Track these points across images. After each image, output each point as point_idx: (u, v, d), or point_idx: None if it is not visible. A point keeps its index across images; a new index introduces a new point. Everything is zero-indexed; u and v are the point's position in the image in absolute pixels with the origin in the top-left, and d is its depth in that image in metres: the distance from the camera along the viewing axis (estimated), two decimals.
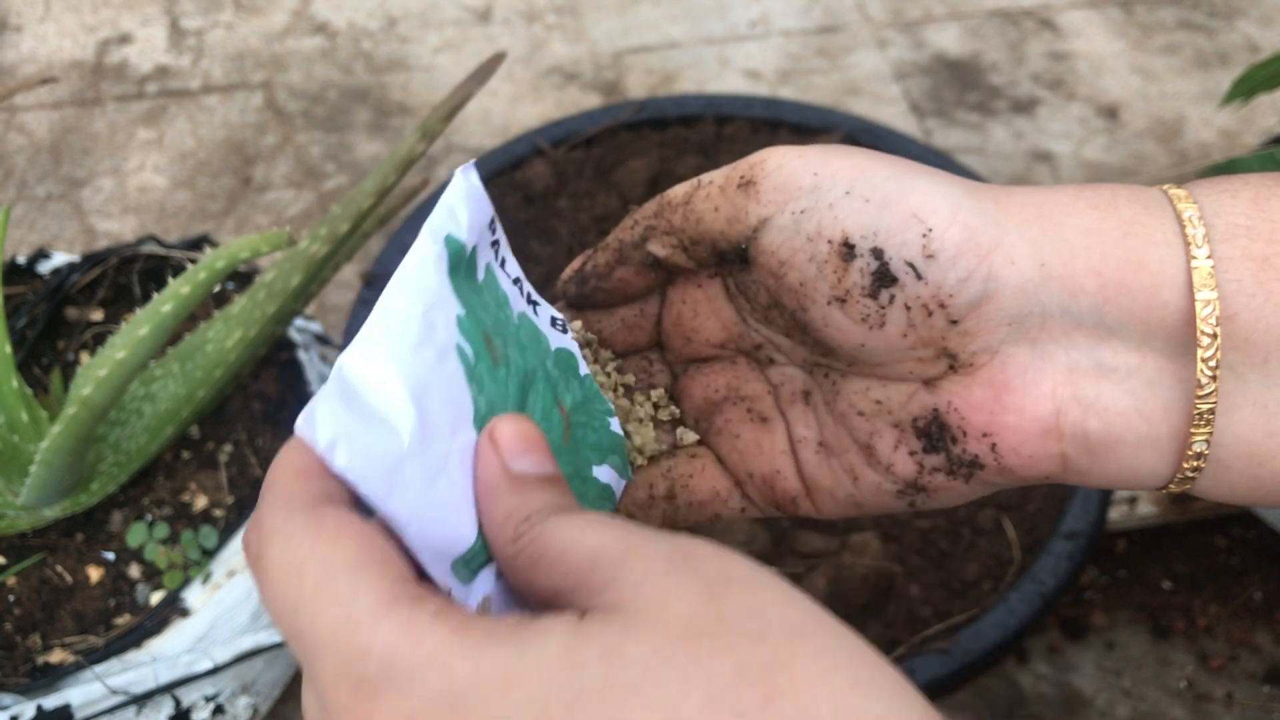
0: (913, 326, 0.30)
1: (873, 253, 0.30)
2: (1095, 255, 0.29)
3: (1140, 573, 0.89)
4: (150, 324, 0.54)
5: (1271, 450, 0.29)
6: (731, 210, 0.32)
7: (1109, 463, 0.30)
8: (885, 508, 0.34)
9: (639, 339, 0.37)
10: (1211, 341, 0.28)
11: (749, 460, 0.35)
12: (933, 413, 0.31)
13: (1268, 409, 0.29)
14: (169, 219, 1.14)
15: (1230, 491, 0.30)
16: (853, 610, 0.66)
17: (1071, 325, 0.29)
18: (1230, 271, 0.28)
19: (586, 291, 0.36)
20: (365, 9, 1.37)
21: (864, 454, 0.33)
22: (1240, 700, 0.82)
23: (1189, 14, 1.35)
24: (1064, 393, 0.30)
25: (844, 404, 0.33)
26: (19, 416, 0.63)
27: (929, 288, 0.29)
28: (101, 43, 1.33)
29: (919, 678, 0.62)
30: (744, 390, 0.35)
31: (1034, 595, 0.65)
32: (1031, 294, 0.29)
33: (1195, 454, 0.29)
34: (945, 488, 0.32)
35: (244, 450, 0.73)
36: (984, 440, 0.31)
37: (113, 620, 0.65)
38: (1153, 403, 0.29)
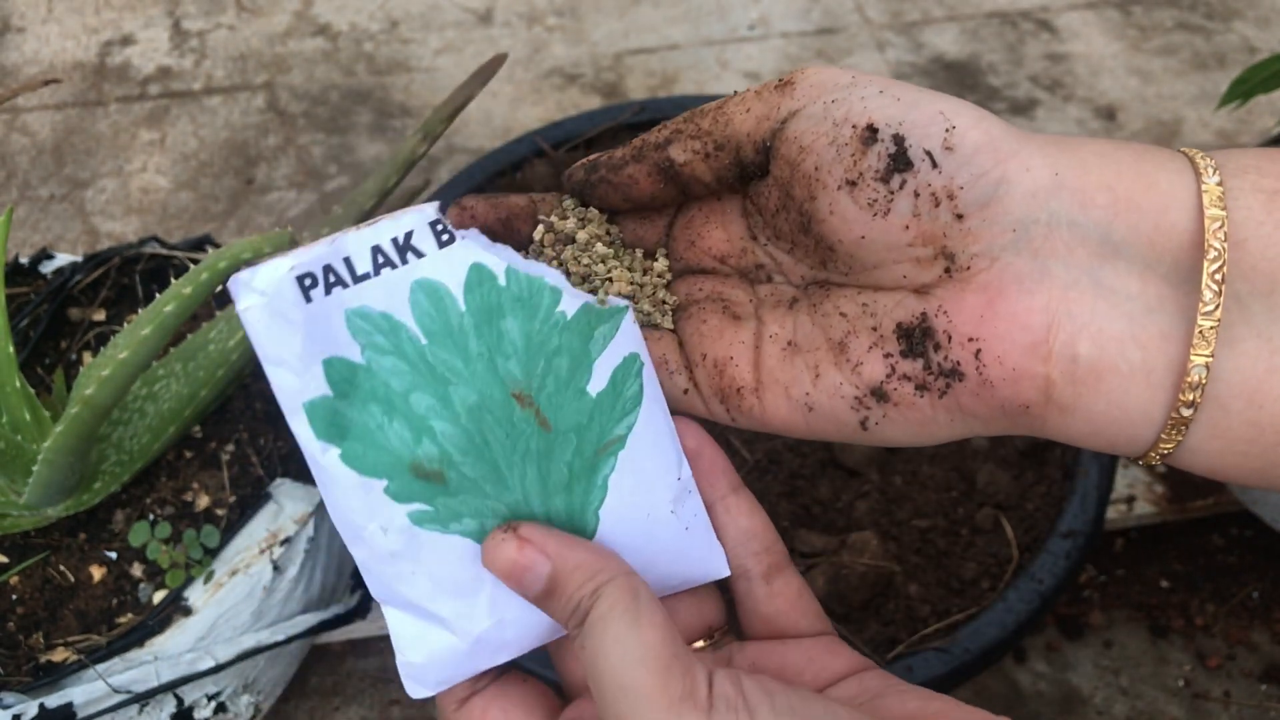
0: (917, 217, 0.30)
1: (894, 138, 0.30)
2: (1109, 172, 0.29)
3: (1138, 572, 0.89)
4: (153, 324, 0.54)
5: (1273, 390, 0.28)
6: (764, 109, 0.32)
7: (1095, 398, 0.29)
8: (836, 419, 0.33)
9: (649, 236, 0.37)
10: (1219, 254, 0.27)
11: (706, 342, 0.35)
12: (920, 316, 0.31)
13: (1272, 342, 0.28)
14: (171, 220, 1.14)
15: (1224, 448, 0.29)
16: (852, 609, 0.66)
17: (1077, 240, 0.29)
18: (1240, 199, 0.28)
19: (593, 180, 0.35)
20: (367, 11, 1.37)
21: (834, 351, 0.32)
22: (1237, 699, 0.82)
23: (1187, 15, 1.35)
24: (1059, 308, 0.29)
25: (829, 306, 0.33)
26: (22, 416, 0.63)
27: (942, 177, 0.30)
28: (104, 44, 1.33)
29: (918, 676, 0.62)
30: (727, 295, 0.36)
31: (1032, 594, 0.65)
32: (1042, 201, 0.29)
33: (1193, 383, 0.28)
34: (910, 404, 0.31)
35: (246, 450, 0.73)
36: (969, 346, 0.30)
37: (115, 619, 0.66)
38: (1150, 329, 0.29)
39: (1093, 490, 0.69)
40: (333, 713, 0.82)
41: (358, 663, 0.84)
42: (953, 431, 0.32)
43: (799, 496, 0.72)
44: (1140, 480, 0.86)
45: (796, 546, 0.69)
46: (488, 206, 0.37)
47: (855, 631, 0.65)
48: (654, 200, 0.36)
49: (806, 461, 0.74)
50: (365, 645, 0.85)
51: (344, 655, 0.84)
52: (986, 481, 0.71)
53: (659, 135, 0.34)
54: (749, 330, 0.34)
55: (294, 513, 0.70)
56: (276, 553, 0.68)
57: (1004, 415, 0.31)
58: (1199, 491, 0.86)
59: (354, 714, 0.82)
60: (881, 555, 0.67)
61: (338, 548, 0.76)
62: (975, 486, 0.72)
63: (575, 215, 0.37)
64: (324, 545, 0.73)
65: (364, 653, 0.85)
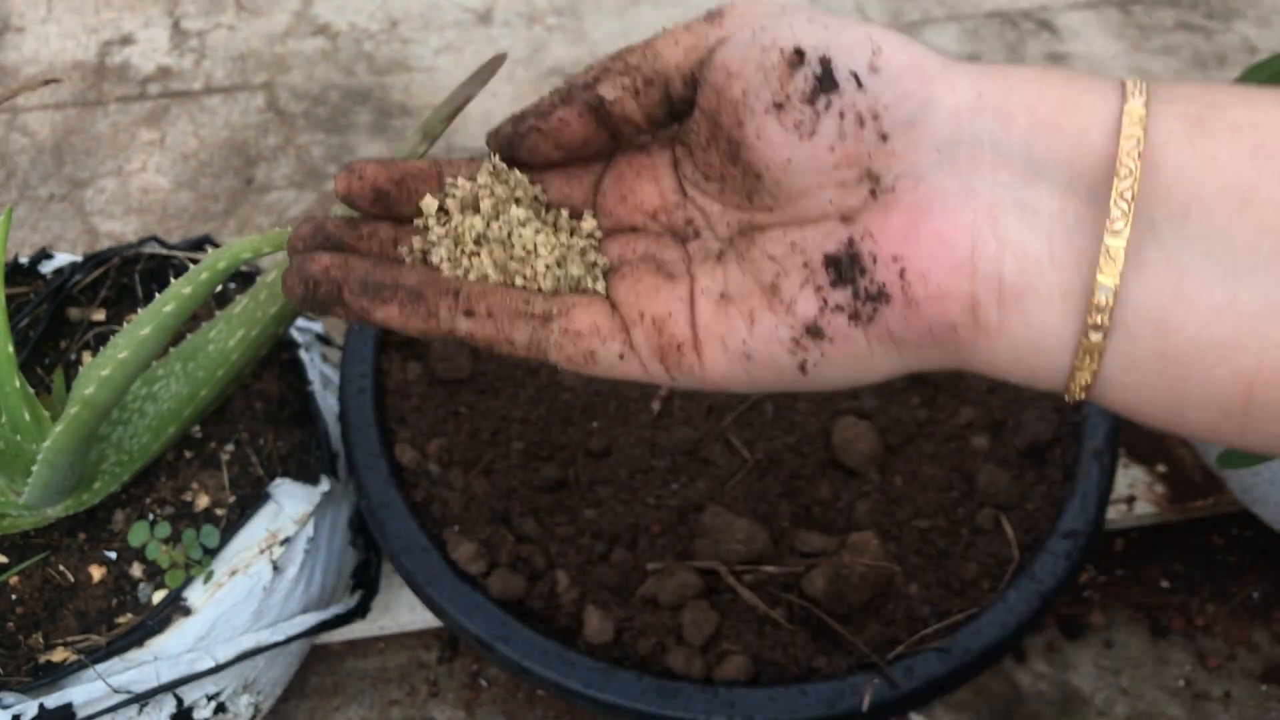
0: (842, 139, 0.30)
1: (820, 60, 0.30)
2: (1032, 93, 0.29)
3: (1138, 572, 0.89)
4: (152, 324, 0.54)
5: (1179, 319, 0.27)
6: (692, 40, 0.32)
7: (1017, 319, 0.29)
8: (775, 365, 0.32)
9: (577, 194, 0.37)
10: (1129, 174, 0.27)
11: (644, 301, 0.34)
12: (847, 242, 0.31)
13: (1180, 270, 0.27)
14: (171, 219, 1.14)
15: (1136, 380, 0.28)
16: (852, 609, 0.66)
17: (1000, 160, 0.29)
18: (1163, 123, 0.28)
19: (521, 131, 0.35)
20: (366, 10, 1.37)
21: (767, 295, 0.32)
22: (1238, 699, 0.82)
23: (1187, 15, 1.35)
24: (983, 226, 0.29)
25: (756, 252, 0.33)
26: (21, 416, 0.63)
27: (867, 98, 0.30)
28: (103, 44, 1.33)
29: (918, 676, 0.62)
30: (659, 255, 0.35)
31: (1032, 594, 0.65)
32: (965, 122, 0.29)
33: (1099, 305, 0.28)
34: (844, 336, 0.31)
35: (246, 450, 0.73)
36: (893, 265, 0.30)
37: (115, 619, 0.66)
38: (1067, 250, 0.28)
39: (1093, 490, 0.69)
40: (333, 713, 0.82)
41: (358, 663, 0.84)
42: (890, 365, 0.32)
43: (799, 496, 0.72)
44: (1140, 480, 0.86)
45: (796, 546, 0.69)
46: (378, 167, 0.36)
47: (855, 631, 0.65)
48: (586, 146, 0.35)
49: (806, 461, 0.74)
50: (365, 645, 0.85)
51: (344, 655, 0.84)
52: (986, 481, 0.71)
53: (587, 75, 0.34)
54: (684, 286, 0.34)
55: (294, 513, 0.70)
56: (276, 553, 0.68)
57: (933, 340, 0.30)
58: (1199, 491, 0.86)
59: (354, 714, 0.82)
60: (881, 555, 0.67)
61: (338, 547, 0.76)
62: (975, 486, 0.72)
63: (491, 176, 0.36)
64: (324, 545, 0.73)
65: (364, 653, 0.85)
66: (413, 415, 0.75)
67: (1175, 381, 0.28)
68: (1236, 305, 0.27)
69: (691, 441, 0.74)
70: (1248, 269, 0.27)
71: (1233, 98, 0.28)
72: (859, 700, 0.61)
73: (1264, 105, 0.27)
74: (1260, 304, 0.26)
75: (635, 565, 0.69)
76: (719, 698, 0.61)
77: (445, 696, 0.82)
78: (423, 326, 0.35)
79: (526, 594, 0.67)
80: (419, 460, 0.72)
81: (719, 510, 0.70)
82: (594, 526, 0.71)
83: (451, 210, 0.36)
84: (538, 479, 0.73)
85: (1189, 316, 0.27)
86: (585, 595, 0.67)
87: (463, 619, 0.64)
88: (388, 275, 0.35)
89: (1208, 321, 0.27)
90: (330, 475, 0.74)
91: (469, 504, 0.71)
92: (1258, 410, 0.27)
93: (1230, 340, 0.27)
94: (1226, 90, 0.28)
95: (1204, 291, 0.27)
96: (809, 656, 0.64)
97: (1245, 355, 0.27)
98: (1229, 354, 0.27)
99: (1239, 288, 0.27)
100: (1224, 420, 0.28)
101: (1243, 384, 0.27)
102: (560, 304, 0.35)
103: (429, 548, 0.67)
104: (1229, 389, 0.27)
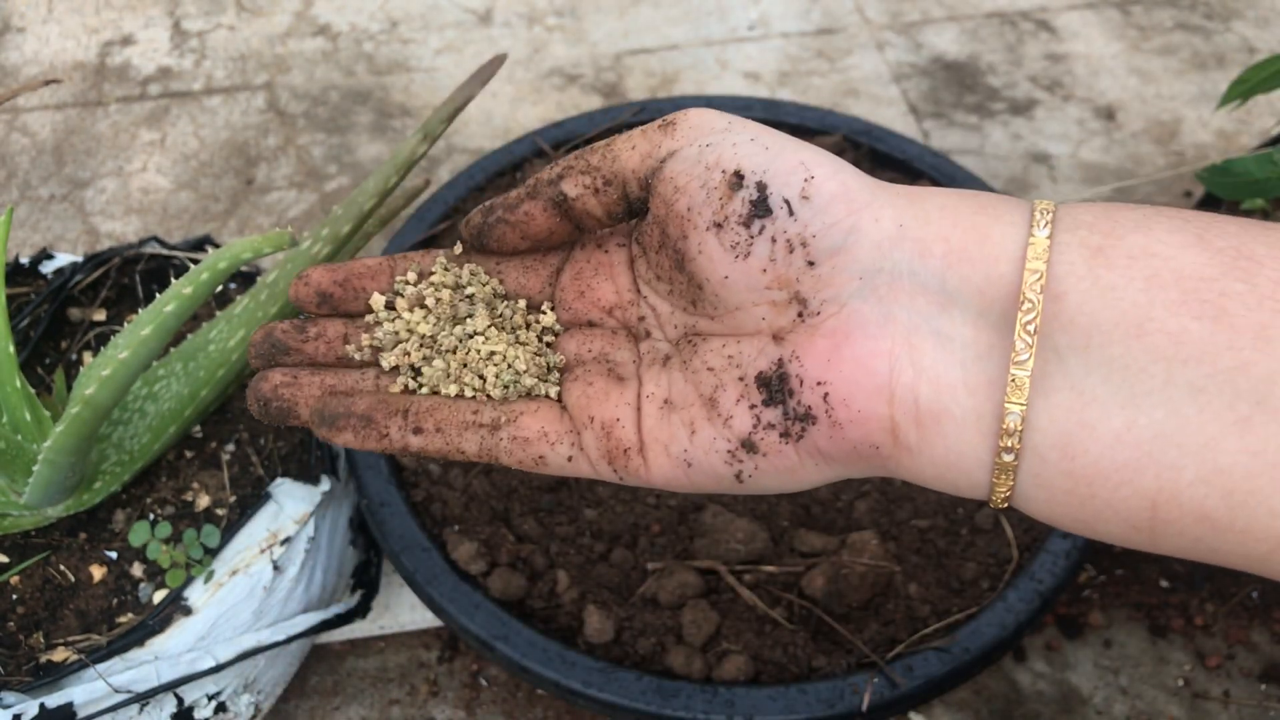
0: (774, 261, 0.32)
1: (757, 185, 0.32)
2: (947, 223, 0.31)
3: (1138, 571, 0.89)
4: (153, 324, 0.54)
5: (1084, 444, 0.29)
6: (647, 146, 0.34)
7: (935, 440, 0.31)
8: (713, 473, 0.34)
9: (533, 284, 0.38)
10: (1032, 307, 0.29)
11: (594, 405, 0.36)
12: (777, 363, 0.32)
13: (1083, 395, 0.28)
14: (171, 220, 1.14)
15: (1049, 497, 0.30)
16: (852, 609, 0.66)
17: (918, 289, 0.31)
18: (1065, 254, 0.29)
19: (490, 222, 0.37)
20: (367, 11, 1.37)
21: (706, 407, 0.34)
22: (1237, 698, 0.82)
23: (1186, 15, 1.35)
24: (900, 353, 0.31)
25: (698, 362, 0.35)
26: (22, 416, 0.63)
27: (797, 225, 0.31)
28: (104, 44, 1.33)
29: (917, 676, 0.62)
30: (613, 356, 0.37)
31: (1032, 594, 0.65)
32: (886, 251, 0.31)
33: (1009, 430, 0.29)
34: (776, 451, 0.33)
35: (246, 450, 0.73)
36: (818, 389, 0.32)
37: (115, 619, 0.66)
38: (980, 376, 0.30)
39: None
40: (333, 713, 0.82)
41: (358, 663, 0.84)
42: (820, 475, 0.33)
43: (799, 496, 0.72)
44: None
45: (796, 546, 0.69)
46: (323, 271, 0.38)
47: (855, 631, 0.65)
48: (551, 236, 0.37)
49: None
50: (365, 645, 0.85)
51: (344, 655, 0.84)
52: None
53: (551, 172, 0.36)
54: (632, 391, 0.36)
55: (294, 513, 0.70)
56: (277, 552, 0.68)
57: (859, 457, 0.32)
58: None
59: (354, 714, 0.82)
60: (881, 555, 0.67)
61: (338, 547, 0.76)
62: None
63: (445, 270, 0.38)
64: (324, 545, 0.73)
65: (364, 653, 0.85)
66: None
67: (1084, 499, 0.29)
68: (1135, 430, 0.28)
69: None
70: (1143, 395, 0.28)
71: (1131, 225, 0.29)
72: (859, 700, 0.61)
73: (1159, 233, 0.29)
74: (1156, 429, 0.28)
75: (635, 565, 0.69)
76: (719, 697, 0.61)
77: (445, 696, 0.82)
78: (376, 447, 0.36)
79: (527, 593, 0.67)
80: (419, 460, 0.72)
81: (719, 510, 0.70)
82: (594, 526, 0.71)
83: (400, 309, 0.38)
84: (538, 479, 0.73)
85: (1092, 440, 0.29)
86: (585, 595, 0.67)
87: (463, 618, 0.65)
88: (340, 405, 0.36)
89: (1110, 445, 0.28)
90: (330, 475, 0.74)
91: (469, 504, 0.71)
92: (1162, 525, 0.29)
93: (1131, 463, 0.28)
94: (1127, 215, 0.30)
95: (1105, 417, 0.28)
96: (809, 656, 0.64)
97: (1145, 477, 0.28)
98: (1131, 475, 0.28)
99: (1136, 413, 0.28)
100: (1133, 533, 0.30)
101: (1146, 502, 0.28)
102: (509, 411, 0.36)
103: (429, 547, 0.67)
104: (1134, 506, 0.29)
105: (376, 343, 0.38)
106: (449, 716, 0.81)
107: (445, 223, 0.85)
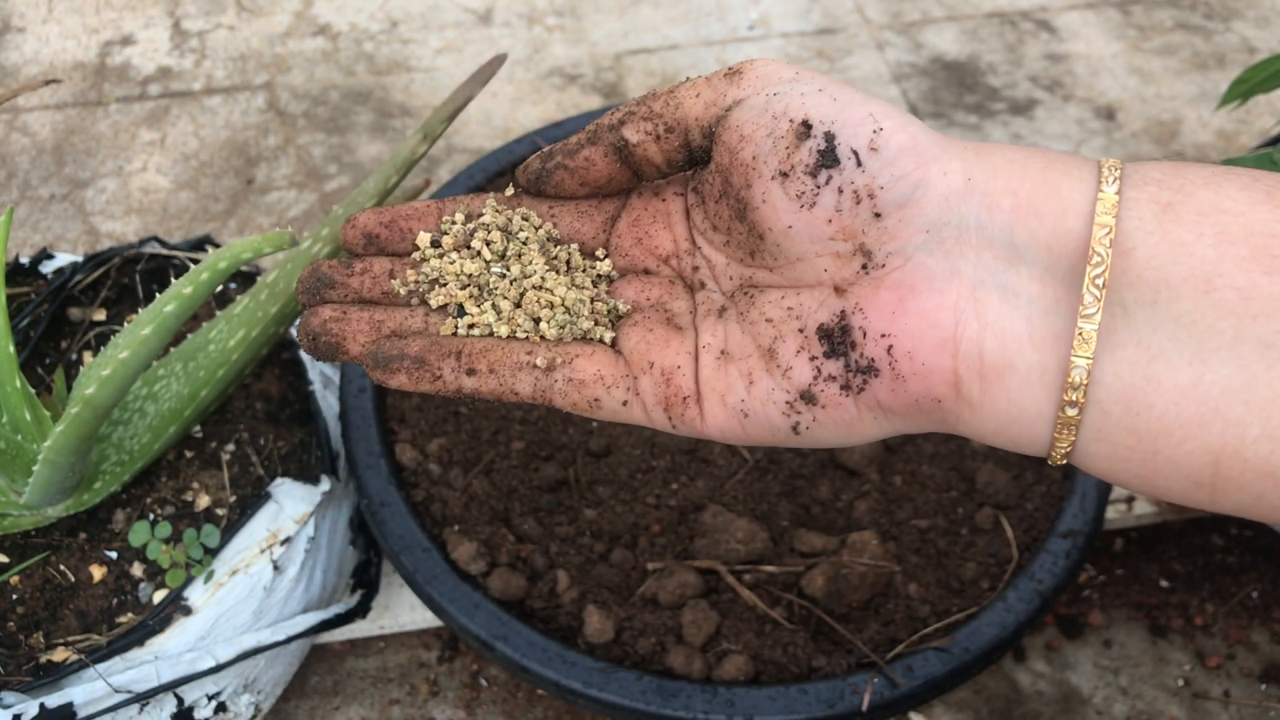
0: (839, 212, 0.32)
1: (825, 135, 0.32)
2: (1015, 177, 0.31)
3: (1138, 571, 0.89)
4: (153, 324, 0.54)
5: (1149, 399, 0.29)
6: (712, 94, 0.34)
7: (998, 395, 0.31)
8: (770, 425, 0.34)
9: (588, 230, 0.38)
10: (1101, 261, 0.29)
11: (654, 351, 0.36)
12: (839, 315, 0.32)
13: (1149, 350, 0.29)
14: (171, 220, 1.14)
15: (1110, 452, 0.30)
16: (852, 609, 0.66)
17: (984, 243, 0.31)
18: (1134, 210, 0.29)
19: (549, 167, 0.37)
20: (367, 11, 1.37)
21: (764, 359, 0.34)
22: (1237, 698, 0.82)
23: (1186, 15, 1.35)
24: (966, 307, 0.31)
25: (756, 313, 0.35)
26: (22, 416, 0.63)
27: (865, 176, 0.31)
28: (104, 44, 1.33)
29: (917, 676, 0.62)
30: (671, 305, 0.37)
31: (1032, 594, 0.65)
32: (954, 205, 0.31)
33: (1074, 384, 0.29)
34: (836, 404, 0.33)
35: (246, 449, 0.73)
36: (882, 341, 0.32)
37: (115, 619, 0.66)
38: (1045, 331, 0.30)
39: (1092, 490, 0.69)
40: (333, 713, 0.82)
41: (358, 663, 0.84)
42: (879, 429, 0.33)
43: (799, 496, 0.72)
44: None
45: (796, 546, 0.69)
46: (370, 214, 0.38)
47: (855, 631, 0.65)
48: (609, 184, 0.37)
49: (806, 461, 0.74)
50: (365, 645, 0.85)
51: (344, 655, 0.84)
52: (986, 481, 0.71)
53: (613, 118, 0.36)
54: (690, 340, 0.36)
55: (294, 512, 0.70)
56: (277, 552, 0.68)
57: (919, 411, 0.32)
58: None
59: (354, 714, 0.82)
60: (881, 555, 0.67)
61: (338, 547, 0.76)
62: (975, 486, 0.72)
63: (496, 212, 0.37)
64: (324, 545, 0.73)
65: (364, 653, 0.85)
66: (413, 415, 0.75)
67: (1147, 455, 0.29)
68: (1201, 385, 0.28)
69: (691, 441, 0.75)
70: (1211, 350, 0.28)
71: (1200, 181, 0.29)
72: (859, 700, 0.61)
73: (1229, 190, 0.29)
74: (1223, 384, 0.28)
75: (635, 565, 0.69)
76: (719, 697, 0.61)
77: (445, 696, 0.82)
78: (430, 389, 0.36)
79: (527, 593, 0.67)
80: (419, 460, 0.72)
81: (719, 510, 0.70)
82: (594, 526, 0.71)
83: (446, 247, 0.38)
84: (538, 479, 0.73)
85: (1157, 395, 0.29)
86: (585, 595, 0.67)
87: (463, 618, 0.65)
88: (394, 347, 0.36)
89: (1175, 400, 0.28)
90: (331, 475, 0.74)
91: (469, 504, 0.71)
92: (1224, 482, 0.29)
93: (1196, 418, 0.28)
94: (1196, 172, 0.30)
95: (1171, 372, 0.28)
96: (809, 656, 0.64)
97: (1210, 433, 0.28)
98: (1195, 431, 0.28)
99: (1203, 369, 0.28)
100: (1195, 490, 0.30)
101: (1209, 459, 0.29)
102: (564, 353, 0.36)
103: (429, 547, 0.67)
104: (1197, 463, 0.29)
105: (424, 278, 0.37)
106: (449, 716, 0.81)
107: None
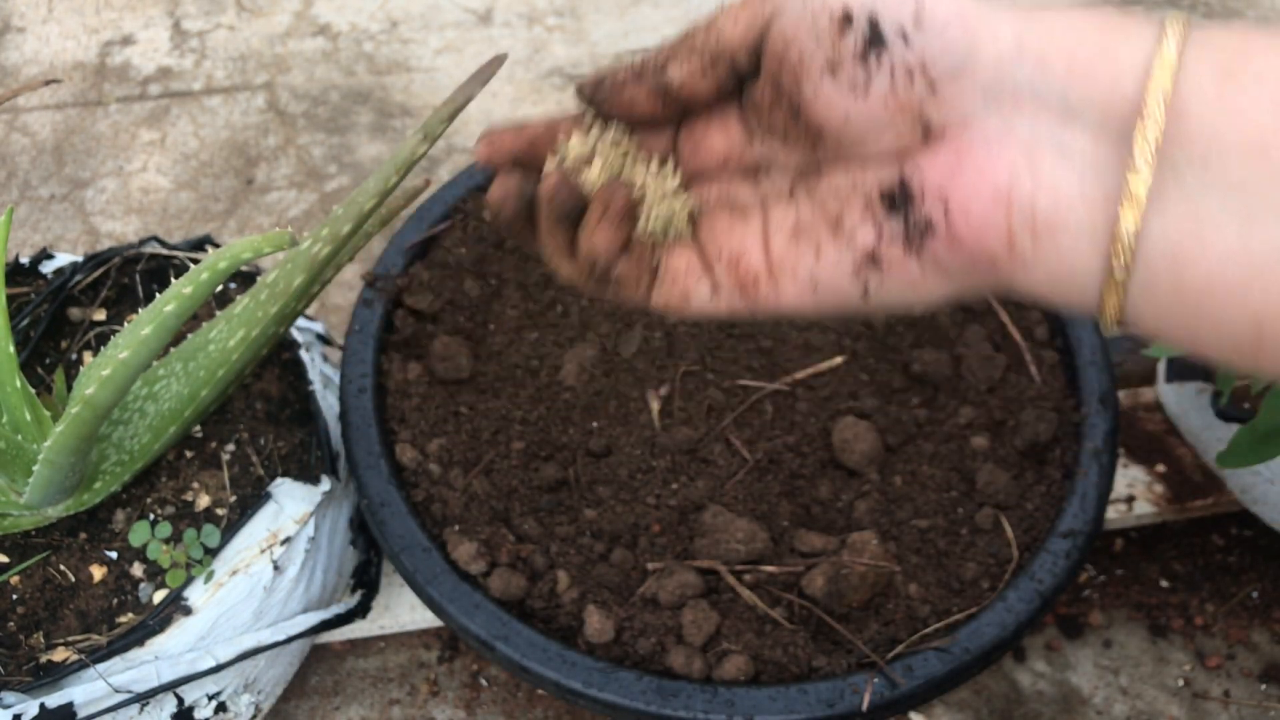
0: (894, 93, 0.32)
1: (868, 20, 0.32)
2: (1071, 39, 0.31)
3: (1138, 571, 0.89)
4: (153, 324, 0.54)
5: (1195, 259, 0.29)
6: (750, 16, 0.35)
7: (1050, 252, 0.31)
8: (839, 291, 0.35)
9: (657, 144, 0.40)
10: (1155, 122, 0.29)
11: (721, 239, 0.38)
12: (900, 177, 0.33)
13: (1198, 212, 0.29)
14: (172, 220, 1.14)
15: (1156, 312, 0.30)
16: (852, 609, 0.66)
17: (1039, 104, 0.31)
18: (1193, 74, 0.29)
19: (599, 97, 0.38)
20: (367, 11, 1.37)
21: (831, 228, 0.35)
22: (1237, 698, 0.82)
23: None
24: (1021, 164, 0.31)
25: (823, 188, 0.36)
26: (22, 416, 0.63)
27: (914, 51, 0.32)
28: (104, 44, 1.33)
29: (917, 676, 0.62)
30: (733, 195, 0.39)
31: (1032, 594, 0.65)
32: (1007, 68, 0.31)
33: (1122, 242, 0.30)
34: (900, 263, 0.34)
35: (246, 449, 0.73)
36: (939, 200, 0.32)
37: (115, 619, 0.66)
38: (1096, 190, 0.30)
39: (1092, 490, 0.69)
40: (333, 712, 0.82)
41: (358, 663, 0.84)
42: (942, 289, 0.34)
43: (799, 496, 0.72)
44: (1140, 480, 0.87)
45: (796, 546, 0.69)
46: (514, 135, 0.40)
47: (855, 631, 0.65)
48: (654, 120, 0.38)
49: (806, 461, 0.74)
50: (365, 645, 0.85)
51: (344, 655, 0.84)
52: (986, 481, 0.71)
53: (658, 58, 0.37)
54: (757, 223, 0.37)
55: (294, 512, 0.70)
56: (277, 552, 0.68)
57: (975, 268, 0.33)
58: (1199, 491, 0.86)
59: (354, 714, 0.82)
60: (881, 555, 0.67)
61: (338, 547, 0.76)
62: (975, 486, 0.72)
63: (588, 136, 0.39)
64: (324, 545, 0.73)
65: (364, 653, 0.85)
66: (413, 415, 0.75)
67: (1191, 314, 0.30)
68: (1248, 248, 0.28)
69: (691, 441, 0.75)
70: (1260, 214, 0.28)
71: (1262, 47, 0.29)
72: (859, 700, 0.61)
73: None
74: (1270, 248, 0.28)
75: (635, 565, 0.69)
76: (719, 697, 0.61)
77: (445, 696, 0.82)
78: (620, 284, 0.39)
79: (527, 593, 0.67)
80: (419, 460, 0.72)
81: (719, 510, 0.70)
82: (594, 526, 0.71)
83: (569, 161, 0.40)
84: (538, 479, 0.73)
85: (1203, 256, 0.29)
86: (585, 595, 0.67)
87: (463, 618, 0.65)
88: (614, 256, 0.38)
89: (1221, 261, 0.29)
90: (331, 475, 0.74)
91: (469, 504, 0.71)
92: (1267, 344, 0.29)
93: (1241, 280, 0.29)
94: (1259, 38, 0.30)
95: (1219, 233, 0.29)
96: (809, 656, 0.64)
97: (1254, 295, 0.29)
98: (1240, 292, 0.29)
99: (1251, 232, 0.28)
100: (1237, 351, 0.30)
101: (1252, 321, 0.29)
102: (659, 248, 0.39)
103: (429, 547, 0.68)
104: (1240, 324, 0.29)
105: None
106: (449, 716, 0.81)
107: (445, 222, 0.85)
